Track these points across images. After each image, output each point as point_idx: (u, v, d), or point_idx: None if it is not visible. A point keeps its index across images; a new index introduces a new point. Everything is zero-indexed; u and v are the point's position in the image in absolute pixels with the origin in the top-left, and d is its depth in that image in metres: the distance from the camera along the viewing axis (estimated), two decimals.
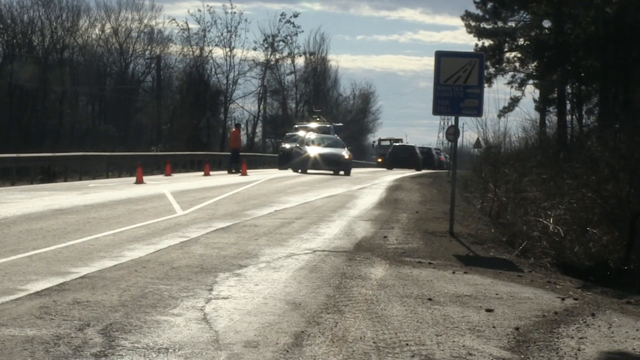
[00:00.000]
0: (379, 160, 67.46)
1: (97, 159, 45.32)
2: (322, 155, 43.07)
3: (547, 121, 48.71)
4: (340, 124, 66.03)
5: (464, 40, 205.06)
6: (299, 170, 43.70)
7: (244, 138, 78.72)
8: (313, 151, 43.77)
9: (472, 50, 43.11)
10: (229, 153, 50.48)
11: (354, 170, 48.36)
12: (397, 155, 63.25)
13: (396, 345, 8.15)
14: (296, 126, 59.44)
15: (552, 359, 8.09)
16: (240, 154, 48.46)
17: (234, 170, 45.84)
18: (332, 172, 43.05)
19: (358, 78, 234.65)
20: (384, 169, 61.97)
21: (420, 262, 13.79)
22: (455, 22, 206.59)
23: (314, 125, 57.63)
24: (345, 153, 43.74)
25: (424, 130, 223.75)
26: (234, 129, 51.37)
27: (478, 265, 13.97)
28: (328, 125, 58.64)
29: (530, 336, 8.91)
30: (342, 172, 43.01)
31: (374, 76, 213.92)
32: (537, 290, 12.03)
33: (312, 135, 47.61)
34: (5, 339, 7.64)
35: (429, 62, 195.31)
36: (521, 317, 9.85)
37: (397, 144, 72.03)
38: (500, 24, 46.64)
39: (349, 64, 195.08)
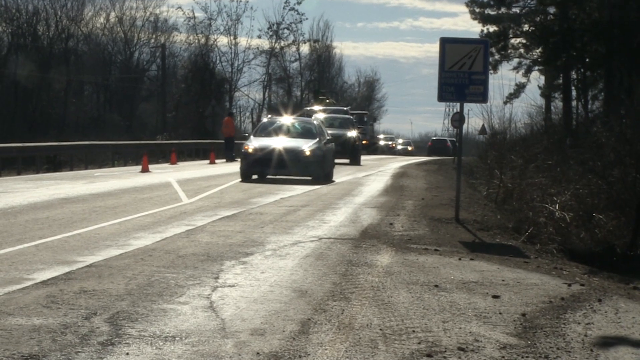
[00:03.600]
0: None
1: (103, 148, 45.38)
2: (285, 151, 26.89)
3: (552, 107, 48.73)
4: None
5: (464, 26, 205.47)
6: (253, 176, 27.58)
7: (249, 126, 78.71)
8: (271, 145, 27.21)
9: (473, 36, 43.07)
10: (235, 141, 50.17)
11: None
12: (435, 147, 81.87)
13: (403, 332, 8.16)
14: (307, 108, 55.03)
15: (559, 344, 8.08)
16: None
17: (236, 159, 45.84)
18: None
19: (360, 65, 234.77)
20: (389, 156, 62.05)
21: (427, 249, 13.79)
22: (455, 9, 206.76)
23: (318, 108, 52.82)
24: (307, 147, 26.97)
25: (428, 117, 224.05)
26: (226, 117, 50.78)
27: (484, 252, 13.96)
28: (345, 108, 54.43)
29: (537, 322, 8.90)
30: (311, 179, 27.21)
31: (376, 63, 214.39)
32: (543, 276, 12.02)
33: (284, 119, 31.47)
34: (12, 328, 7.65)
35: (431, 49, 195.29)
36: (528, 303, 9.85)
37: (434, 138, 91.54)
38: (504, 10, 46.54)
39: (350, 51, 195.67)
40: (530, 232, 17.68)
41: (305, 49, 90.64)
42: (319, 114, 47.23)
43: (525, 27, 46.74)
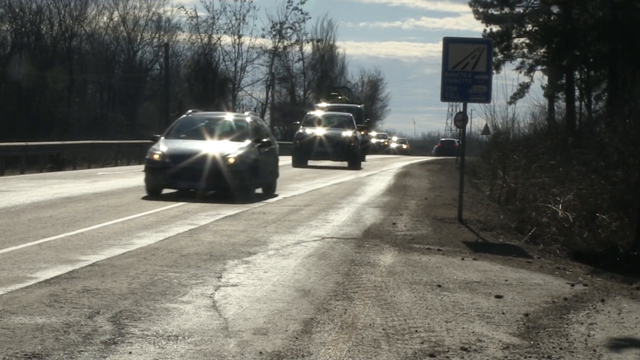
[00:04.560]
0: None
1: (106, 147, 45.48)
2: (204, 158, 20.50)
3: (555, 107, 48.71)
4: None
5: (466, 26, 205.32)
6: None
7: None
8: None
9: (476, 36, 43.08)
10: None
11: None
12: (444, 147, 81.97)
13: (405, 332, 8.15)
14: (316, 105, 50.79)
15: (562, 345, 8.08)
16: None
17: None
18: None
19: (363, 65, 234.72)
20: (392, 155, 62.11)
21: (429, 248, 13.78)
22: (457, 9, 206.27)
23: (324, 105, 48.56)
24: (232, 152, 20.61)
25: (431, 117, 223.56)
26: None
27: (487, 252, 13.96)
28: (359, 106, 49.36)
29: (540, 322, 8.90)
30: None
31: (379, 63, 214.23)
32: (546, 277, 12.01)
33: (208, 115, 24.78)
34: (15, 327, 7.65)
35: (433, 49, 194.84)
36: (531, 303, 9.84)
37: (443, 139, 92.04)
38: (508, 9, 46.59)
39: (352, 50, 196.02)
40: (533, 232, 17.68)
41: (308, 48, 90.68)
42: (317, 111, 43.82)
43: (529, 27, 46.78)
